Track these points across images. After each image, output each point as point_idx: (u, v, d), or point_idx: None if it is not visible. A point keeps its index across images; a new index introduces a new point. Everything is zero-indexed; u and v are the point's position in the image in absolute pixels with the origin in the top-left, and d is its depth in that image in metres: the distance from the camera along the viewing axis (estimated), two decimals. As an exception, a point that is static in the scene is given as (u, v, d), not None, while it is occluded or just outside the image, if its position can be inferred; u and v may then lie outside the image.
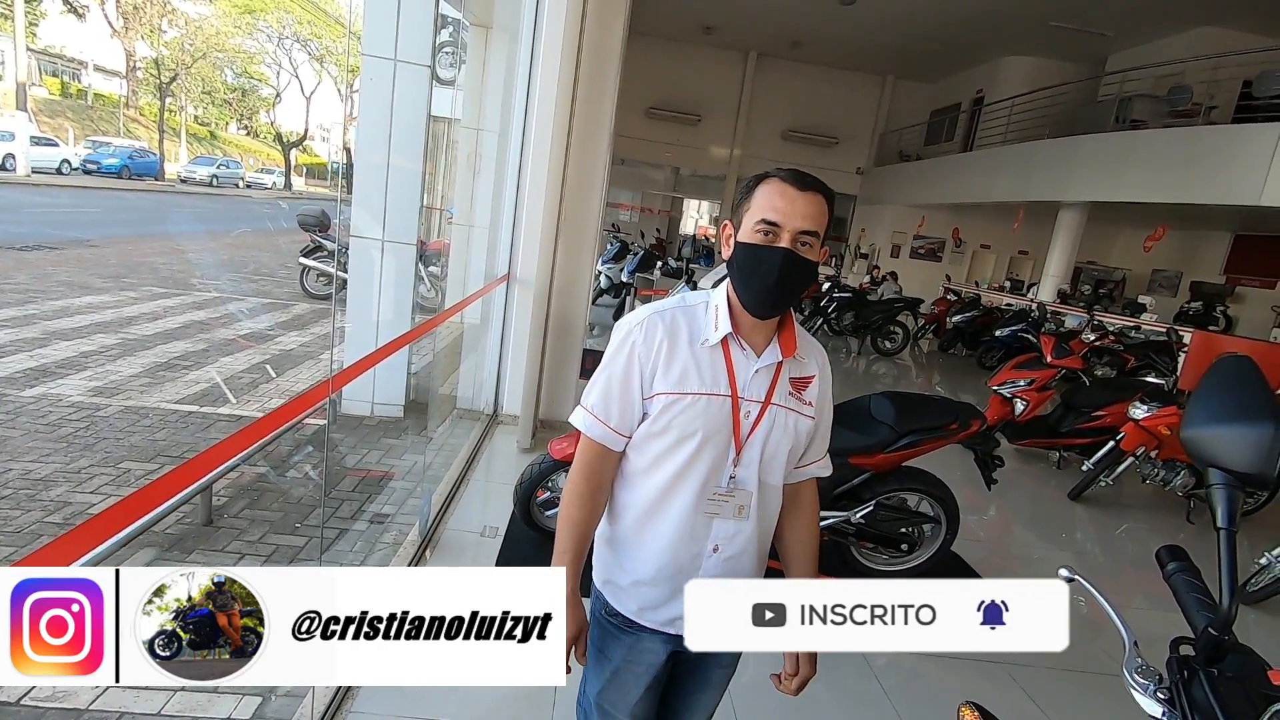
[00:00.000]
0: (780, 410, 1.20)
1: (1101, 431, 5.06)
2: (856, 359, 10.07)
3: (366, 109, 4.69)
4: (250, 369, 5.58)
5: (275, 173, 32.82)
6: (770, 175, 1.15)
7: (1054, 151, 11.34)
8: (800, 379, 1.24)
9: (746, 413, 1.18)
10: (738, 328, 1.19)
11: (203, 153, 32.40)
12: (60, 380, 4.66)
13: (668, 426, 1.17)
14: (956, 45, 14.26)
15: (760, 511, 1.23)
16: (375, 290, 4.76)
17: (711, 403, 1.16)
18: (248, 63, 34.68)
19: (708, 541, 1.21)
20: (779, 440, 1.20)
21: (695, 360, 1.17)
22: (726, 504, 1.20)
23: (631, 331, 1.19)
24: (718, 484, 1.19)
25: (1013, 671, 2.75)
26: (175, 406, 4.50)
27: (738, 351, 1.19)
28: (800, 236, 1.10)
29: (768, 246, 1.11)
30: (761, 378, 1.19)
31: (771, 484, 1.24)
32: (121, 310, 6.82)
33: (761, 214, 1.11)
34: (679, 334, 1.18)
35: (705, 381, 1.16)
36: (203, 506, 3.08)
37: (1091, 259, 15.72)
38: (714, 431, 1.16)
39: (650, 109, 16.79)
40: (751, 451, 1.19)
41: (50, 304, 6.63)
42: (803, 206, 1.10)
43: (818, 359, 1.28)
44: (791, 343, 1.22)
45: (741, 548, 1.23)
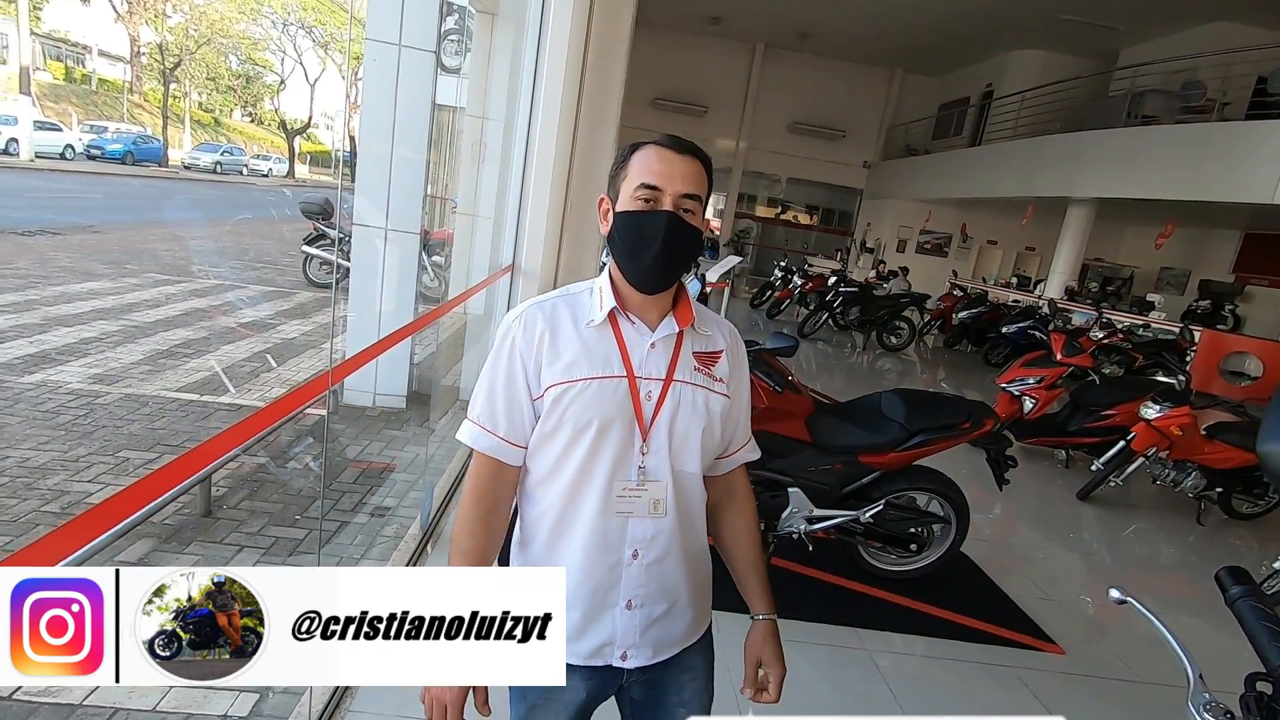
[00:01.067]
0: (686, 387, 1.08)
1: (1111, 431, 5.00)
2: (861, 354, 10.01)
3: (370, 96, 4.62)
4: (251, 358, 5.54)
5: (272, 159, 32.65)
6: (644, 143, 1.07)
7: (1063, 147, 11.23)
8: (706, 353, 1.13)
9: (647, 393, 1.06)
10: (625, 305, 1.09)
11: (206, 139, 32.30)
12: (60, 367, 4.62)
13: (561, 420, 1.04)
14: (966, 38, 14.12)
15: (680, 504, 1.10)
16: (378, 279, 4.71)
17: (605, 386, 1.04)
18: (252, 49, 34.54)
19: (624, 547, 1.07)
20: (688, 421, 1.08)
21: (583, 343, 1.06)
22: (639, 500, 1.06)
23: (510, 328, 1.09)
24: (626, 478, 1.06)
25: (1024, 676, 2.70)
26: (175, 395, 4.46)
27: (628, 327, 1.08)
28: (682, 200, 1.02)
29: (650, 212, 1.03)
30: (659, 353, 1.08)
31: (688, 472, 1.10)
32: (123, 297, 6.78)
33: (640, 178, 1.03)
34: (560, 320, 1.08)
35: (596, 364, 1.05)
36: (201, 497, 3.04)
37: (1099, 256, 15.62)
38: (612, 417, 1.04)
39: (656, 100, 16.67)
40: (659, 436, 1.07)
41: (51, 289, 6.58)
42: (681, 168, 1.03)
43: (725, 334, 1.17)
44: (688, 313, 1.11)
45: (664, 549, 1.09)
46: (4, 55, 26.97)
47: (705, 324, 1.15)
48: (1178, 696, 0.88)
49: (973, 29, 13.48)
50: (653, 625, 1.11)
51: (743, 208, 19.03)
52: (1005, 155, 12.74)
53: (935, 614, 3.04)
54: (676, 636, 1.14)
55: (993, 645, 2.90)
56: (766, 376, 2.99)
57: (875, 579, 3.20)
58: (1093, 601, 3.61)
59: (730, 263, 5.39)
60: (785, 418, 2.97)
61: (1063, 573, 3.88)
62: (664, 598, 1.11)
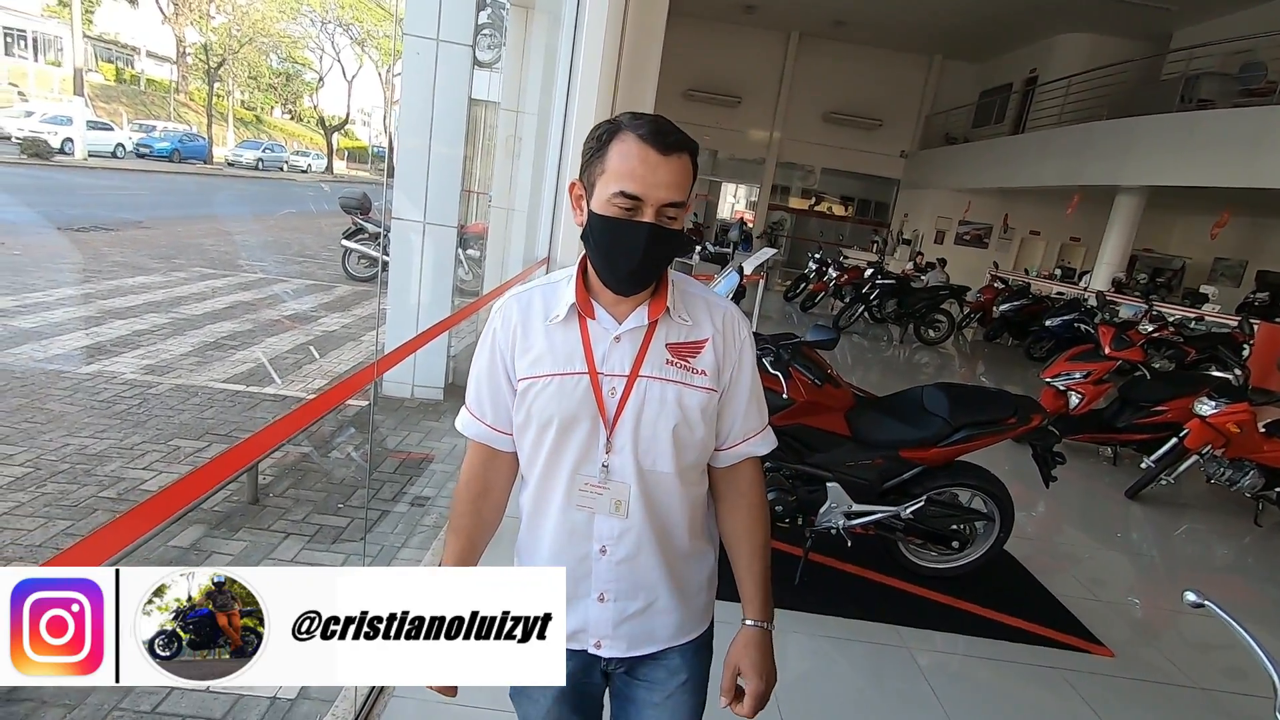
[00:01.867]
0: (653, 383, 1.03)
1: (1162, 427, 4.83)
2: (899, 348, 9.84)
3: (408, 91, 4.68)
4: (294, 349, 5.67)
5: (311, 155, 33.33)
6: (624, 128, 0.96)
7: (1112, 133, 10.85)
8: (684, 344, 1.05)
9: (611, 389, 1.02)
10: (598, 297, 1.05)
11: (249, 136, 33.10)
12: (115, 358, 4.79)
13: (528, 415, 1.05)
14: (1008, 22, 13.72)
15: (647, 504, 1.05)
16: (416, 273, 4.77)
17: (565, 383, 1.02)
18: (292, 48, 35.22)
19: (592, 543, 1.06)
20: (655, 418, 1.03)
21: (548, 339, 1.04)
22: (600, 497, 1.04)
23: (493, 317, 1.09)
24: (589, 474, 1.04)
25: (1071, 678, 2.63)
26: (223, 385, 4.59)
27: (591, 323, 1.04)
28: (664, 209, 0.95)
29: (629, 222, 0.96)
30: (625, 348, 1.03)
31: (660, 471, 1.05)
32: (172, 290, 7.00)
33: (619, 184, 0.94)
34: (533, 313, 1.06)
35: (559, 360, 1.03)
36: (249, 485, 3.13)
37: (1149, 246, 15.08)
38: (573, 415, 1.02)
39: (688, 91, 16.56)
40: (623, 434, 1.03)
41: (106, 284, 6.83)
42: (666, 175, 0.94)
43: (715, 320, 1.08)
44: (662, 302, 1.04)
45: (634, 548, 1.06)
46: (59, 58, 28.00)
47: (689, 310, 1.07)
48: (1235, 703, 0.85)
49: (1016, 12, 13.09)
50: (627, 620, 1.09)
51: (776, 199, 18.83)
52: (1050, 143, 12.36)
53: (978, 613, 2.98)
54: (657, 634, 1.11)
55: (1038, 646, 2.83)
56: (806, 370, 2.96)
57: (915, 576, 3.15)
58: (1142, 603, 3.50)
59: (765, 255, 5.33)
60: (824, 412, 2.94)
61: (1111, 573, 3.77)
62: (638, 595, 1.08)
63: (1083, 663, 2.76)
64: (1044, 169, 12.35)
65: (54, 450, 3.40)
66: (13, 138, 18.82)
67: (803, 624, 2.74)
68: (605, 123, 1.00)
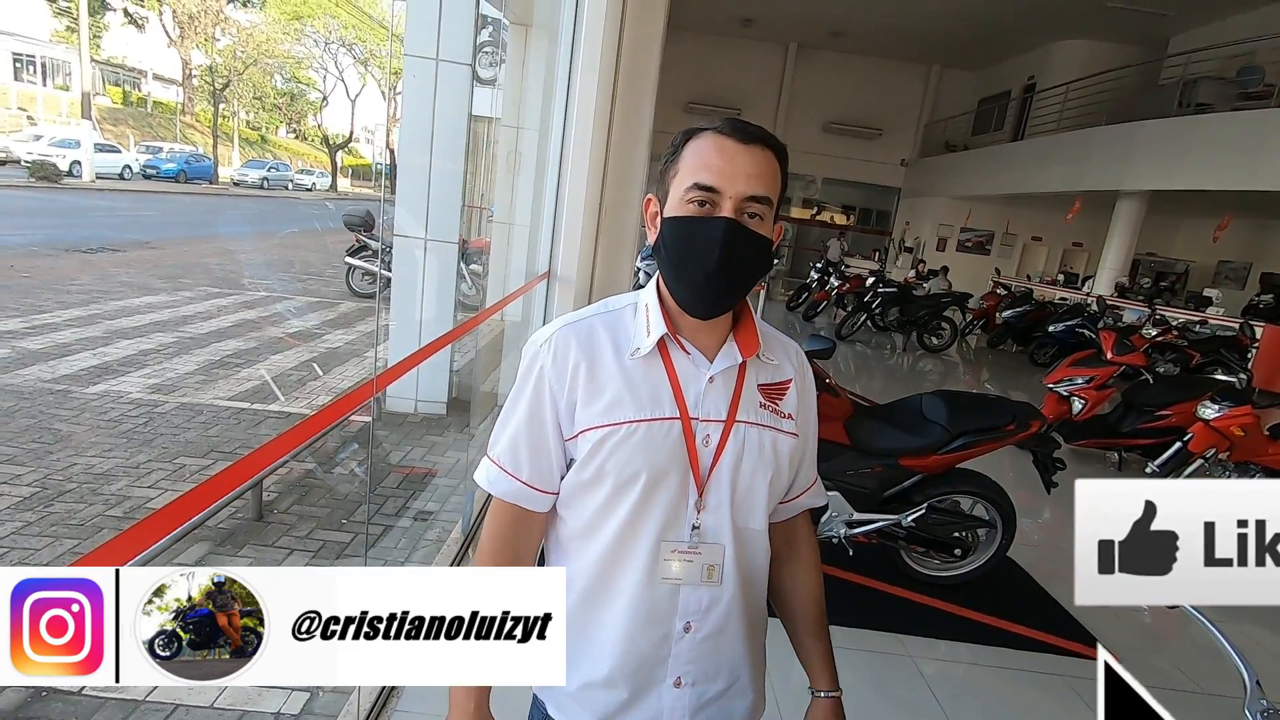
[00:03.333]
0: (751, 429, 0.91)
1: (1166, 432, 4.82)
2: (902, 355, 9.83)
3: (409, 109, 4.74)
4: (298, 366, 5.71)
5: (315, 173, 33.72)
6: (702, 129, 0.87)
7: (1111, 138, 10.88)
8: (773, 385, 0.95)
9: (705, 438, 0.89)
10: (676, 330, 0.91)
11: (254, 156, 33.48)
12: (121, 377, 4.83)
13: (601, 471, 0.88)
14: (1006, 30, 13.79)
15: (740, 568, 0.93)
16: (419, 288, 4.82)
17: (654, 430, 0.87)
18: (296, 68, 35.72)
19: (675, 620, 0.91)
20: (754, 469, 0.91)
21: (626, 378, 0.88)
22: (690, 565, 0.90)
23: (539, 354, 0.91)
24: (678, 539, 0.89)
25: (1076, 685, 2.62)
26: (228, 403, 4.63)
27: (681, 358, 0.90)
28: (746, 204, 0.83)
29: (704, 218, 0.83)
30: (719, 389, 0.90)
31: (752, 529, 0.94)
32: (178, 310, 7.07)
33: (693, 177, 0.83)
34: (599, 348, 0.90)
35: (642, 404, 0.88)
36: (254, 502, 3.15)
37: (1151, 250, 15.05)
38: (663, 469, 0.87)
39: (689, 103, 16.67)
40: (719, 490, 0.90)
41: (113, 304, 6.90)
42: (746, 164, 0.83)
43: (792, 359, 0.99)
44: (753, 339, 0.93)
45: (722, 621, 0.92)
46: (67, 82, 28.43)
47: (771, 350, 0.97)
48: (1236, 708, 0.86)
49: (1013, 20, 13.16)
50: (705, 706, 0.94)
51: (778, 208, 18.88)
52: (1050, 149, 12.40)
53: (981, 620, 2.97)
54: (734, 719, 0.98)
55: (1042, 653, 2.82)
56: (803, 379, 2.97)
57: (918, 584, 3.14)
58: (1149, 609, 3.48)
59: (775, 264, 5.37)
60: (823, 420, 2.91)
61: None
62: (720, 676, 0.95)
63: (1087, 669, 2.73)
64: (1045, 175, 12.38)
65: (61, 470, 3.43)
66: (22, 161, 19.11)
67: (805, 634, 2.73)
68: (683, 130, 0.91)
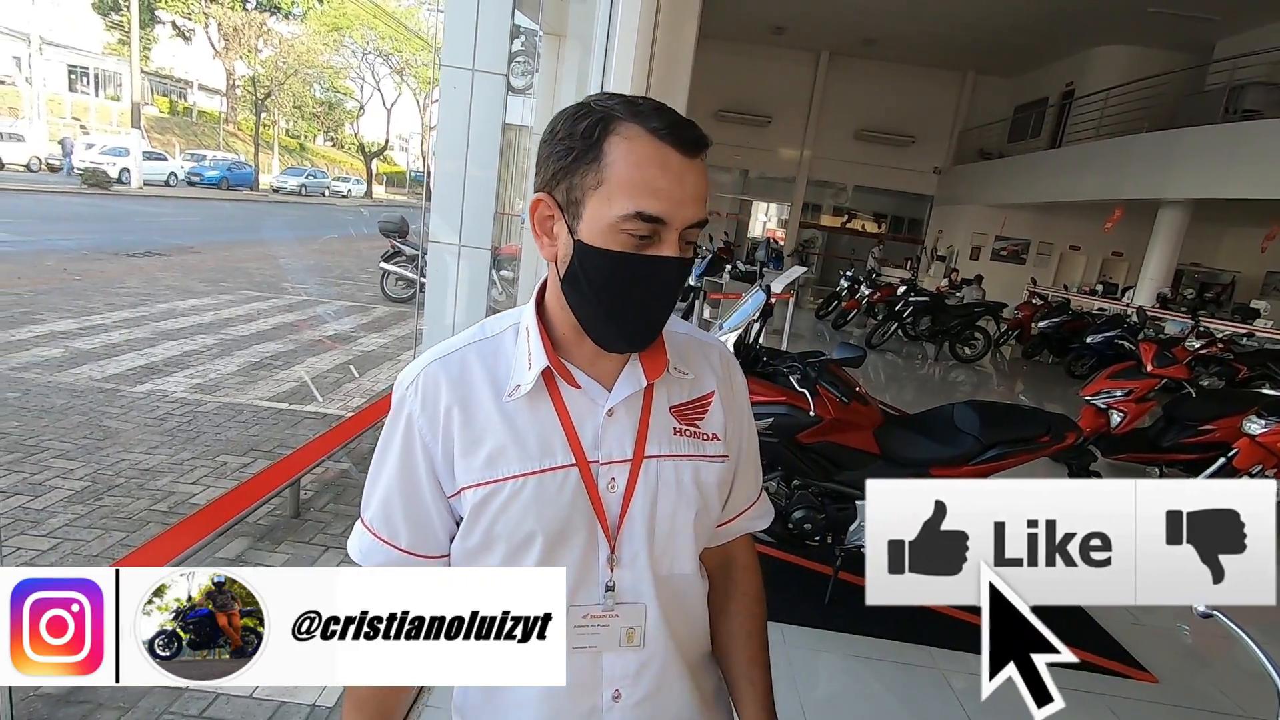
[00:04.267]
0: (665, 463, 0.78)
1: (1210, 447, 4.68)
2: (933, 365, 9.69)
3: (445, 118, 4.83)
4: (335, 369, 5.85)
5: (351, 180, 34.49)
6: (622, 117, 0.69)
7: (1153, 145, 10.63)
8: (689, 404, 0.81)
9: (609, 482, 0.76)
10: (569, 355, 0.77)
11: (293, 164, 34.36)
12: (166, 377, 5.01)
13: (489, 536, 0.75)
14: (1043, 36, 13.56)
15: (669, 623, 0.80)
16: (451, 294, 4.90)
17: (546, 484, 0.74)
18: (334, 78, 36.59)
19: (602, 689, 0.79)
20: (673, 509, 0.78)
21: (507, 424, 0.75)
22: (606, 630, 0.77)
23: (405, 398, 0.77)
24: (588, 602, 0.77)
25: (1114, 705, 2.56)
26: (267, 404, 4.76)
27: (572, 392, 0.77)
28: (688, 231, 0.71)
29: (651, 259, 0.69)
30: (621, 422, 0.77)
31: (680, 574, 0.81)
32: (220, 312, 7.29)
33: (634, 201, 0.67)
34: (473, 387, 0.76)
35: (529, 453, 0.74)
36: (292, 500, 3.24)
37: (1195, 260, 14.63)
38: (561, 528, 0.75)
39: (719, 111, 16.70)
40: (633, 541, 0.77)
41: (159, 306, 7.15)
42: (694, 185, 0.70)
43: (714, 363, 0.85)
44: (660, 355, 0.79)
45: (656, 682, 0.80)
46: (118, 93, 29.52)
47: (685, 359, 0.82)
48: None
49: (1050, 27, 12.94)
50: None
51: (807, 217, 18.80)
52: (1088, 156, 12.15)
53: (1014, 635, 2.92)
54: None
55: (1077, 671, 2.75)
56: (833, 387, 2.96)
57: (949, 597, 3.10)
58: (1191, 629, 3.38)
59: (795, 273, 5.34)
60: (853, 429, 2.93)
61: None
62: None
63: (1125, 689, 2.68)
64: (1083, 183, 12.13)
65: (110, 465, 3.57)
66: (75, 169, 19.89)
67: (833, 643, 2.72)
68: (581, 107, 0.72)
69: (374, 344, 6.91)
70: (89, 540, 2.90)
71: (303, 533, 3.15)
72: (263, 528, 3.12)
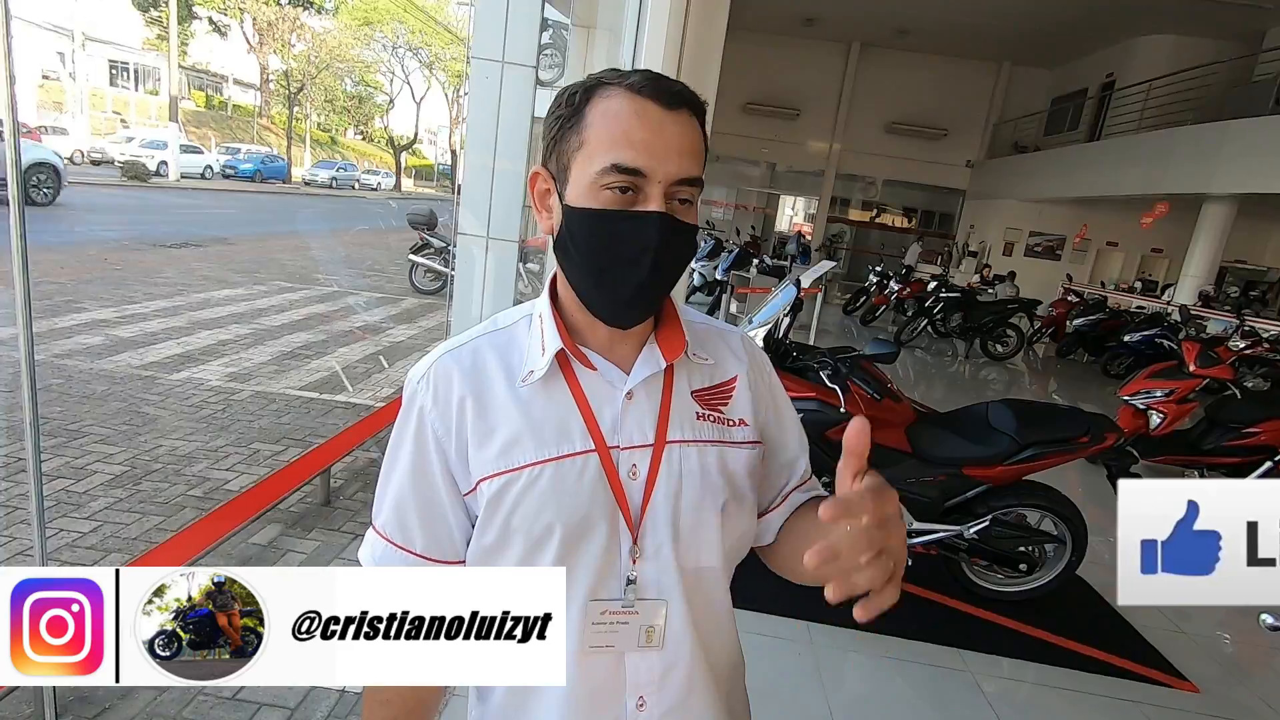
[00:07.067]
0: (689, 448, 0.75)
1: (1255, 450, 4.52)
2: (964, 363, 9.52)
3: (474, 111, 4.84)
4: (364, 359, 5.92)
5: (380, 173, 34.91)
6: (607, 82, 0.68)
7: (1197, 138, 10.27)
8: (712, 389, 0.78)
9: (630, 469, 0.73)
10: (583, 339, 0.75)
11: (324, 157, 34.87)
12: (202, 366, 5.11)
13: (506, 530, 0.72)
14: (1083, 26, 13.19)
15: (695, 621, 0.75)
16: (479, 286, 4.93)
17: (564, 471, 0.71)
18: (365, 72, 37.01)
19: (625, 695, 0.74)
20: (698, 498, 0.74)
21: (522, 410, 0.72)
22: (625, 628, 0.73)
23: (416, 392, 0.74)
24: (608, 597, 0.73)
25: (1152, 714, 2.49)
26: (299, 393, 4.84)
27: (588, 375, 0.74)
28: (676, 188, 0.67)
29: (631, 215, 0.66)
30: (641, 405, 0.74)
31: (706, 567, 0.76)
32: (253, 303, 7.42)
33: (611, 154, 0.65)
34: (487, 376, 0.74)
35: (545, 440, 0.71)
36: (322, 488, 3.28)
37: (1240, 258, 14.16)
38: (583, 517, 0.71)
39: (747, 104, 16.54)
40: (656, 531, 0.73)
41: (195, 296, 7.30)
42: (675, 136, 0.66)
43: (736, 350, 0.82)
44: (678, 336, 0.76)
45: (683, 690, 0.75)
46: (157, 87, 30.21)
47: (704, 346, 0.80)
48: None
49: (1091, 16, 12.57)
50: None
51: (836, 211, 18.55)
52: (1129, 150, 11.80)
53: (1048, 639, 2.86)
54: None
55: (1115, 678, 2.69)
56: (865, 384, 2.92)
57: (980, 599, 3.04)
58: (1233, 638, 3.28)
59: (823, 268, 5.25)
60: (884, 427, 2.88)
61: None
62: None
63: (1165, 698, 2.61)
64: (1123, 177, 11.79)
65: (148, 451, 3.65)
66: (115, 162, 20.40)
67: (862, 643, 2.68)
68: (579, 84, 0.70)
69: (403, 335, 6.99)
70: (128, 524, 2.97)
71: (333, 520, 3.19)
72: (294, 514, 3.17)
